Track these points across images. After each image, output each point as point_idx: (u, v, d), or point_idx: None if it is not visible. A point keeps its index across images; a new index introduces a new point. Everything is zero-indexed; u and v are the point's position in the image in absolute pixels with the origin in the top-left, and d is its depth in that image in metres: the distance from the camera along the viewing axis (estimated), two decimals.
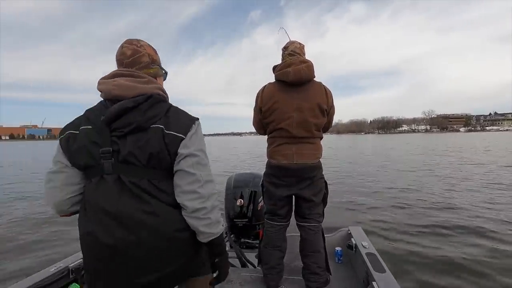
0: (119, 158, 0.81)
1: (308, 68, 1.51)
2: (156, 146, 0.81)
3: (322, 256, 1.61)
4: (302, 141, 1.55)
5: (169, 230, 0.83)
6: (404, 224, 3.82)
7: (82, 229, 0.83)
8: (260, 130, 1.74)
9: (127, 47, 0.91)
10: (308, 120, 1.51)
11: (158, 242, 0.81)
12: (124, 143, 0.81)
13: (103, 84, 0.85)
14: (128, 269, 0.80)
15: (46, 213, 4.90)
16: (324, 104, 1.53)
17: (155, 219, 0.81)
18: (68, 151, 0.83)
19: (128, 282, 0.80)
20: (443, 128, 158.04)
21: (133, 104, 0.81)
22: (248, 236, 2.42)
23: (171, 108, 0.89)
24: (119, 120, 0.81)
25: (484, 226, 3.66)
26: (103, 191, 0.80)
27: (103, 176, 0.81)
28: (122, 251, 0.78)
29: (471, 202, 4.90)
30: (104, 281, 0.81)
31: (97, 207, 0.80)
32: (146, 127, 0.82)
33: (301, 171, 1.55)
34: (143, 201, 0.80)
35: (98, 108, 0.86)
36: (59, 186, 0.85)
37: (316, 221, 1.62)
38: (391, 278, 1.40)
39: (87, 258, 0.84)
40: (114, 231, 0.78)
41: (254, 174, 2.55)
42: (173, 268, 0.84)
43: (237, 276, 1.78)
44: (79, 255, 1.74)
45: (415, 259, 2.78)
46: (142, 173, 0.82)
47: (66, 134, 0.84)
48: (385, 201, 5.13)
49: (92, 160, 0.81)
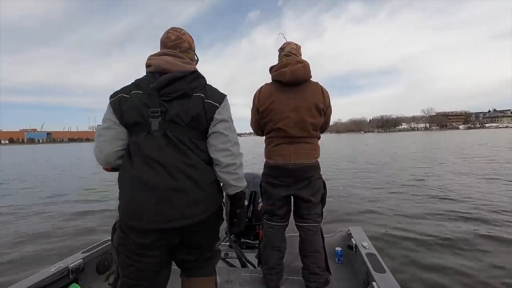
0: (165, 118, 0.98)
1: (304, 68, 1.51)
2: (197, 110, 1.01)
3: (322, 256, 1.61)
4: (300, 141, 1.55)
5: (206, 182, 1.00)
6: (405, 224, 3.81)
7: (128, 175, 0.96)
8: (258, 131, 1.74)
9: (172, 33, 1.11)
10: (305, 120, 1.51)
11: (197, 190, 0.97)
12: (171, 106, 0.99)
13: (154, 60, 1.05)
14: (169, 210, 0.92)
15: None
16: (321, 104, 1.54)
17: (195, 171, 0.98)
18: (119, 110, 0.98)
19: (168, 220, 0.92)
20: (442, 126, 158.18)
21: (181, 75, 1.01)
22: (248, 236, 2.42)
23: (207, 84, 1.10)
24: (168, 87, 0.99)
25: (488, 225, 3.65)
26: (151, 143, 0.96)
27: (150, 131, 0.97)
28: (167, 193, 0.92)
29: (472, 202, 4.89)
30: (149, 217, 0.92)
31: (146, 156, 0.94)
32: (190, 95, 1.02)
33: (299, 171, 1.55)
34: (185, 154, 0.97)
35: (146, 79, 1.03)
36: (109, 140, 1.00)
37: (315, 221, 1.62)
38: (391, 278, 1.40)
39: (131, 198, 0.94)
40: (161, 175, 0.93)
41: (254, 174, 2.54)
42: (203, 217, 0.99)
43: (237, 276, 1.77)
44: (79, 255, 1.74)
45: (416, 259, 2.77)
46: (184, 131, 1.00)
47: (118, 97, 1.00)
48: (386, 201, 5.12)
49: (141, 118, 0.97)
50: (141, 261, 0.96)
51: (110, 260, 1.91)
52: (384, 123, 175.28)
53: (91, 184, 8.59)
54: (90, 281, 1.75)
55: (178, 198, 0.93)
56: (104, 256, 1.87)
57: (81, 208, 5.43)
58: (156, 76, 1.02)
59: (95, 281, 1.77)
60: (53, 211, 5.33)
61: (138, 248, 0.95)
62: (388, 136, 59.05)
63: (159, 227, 0.92)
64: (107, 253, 1.89)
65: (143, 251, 0.95)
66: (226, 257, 2.18)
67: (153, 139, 0.96)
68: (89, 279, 1.74)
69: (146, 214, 0.91)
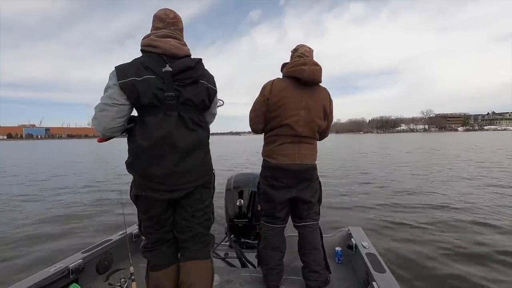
0: (179, 101, 1.16)
1: (320, 72, 1.54)
2: (205, 94, 1.24)
3: (321, 254, 1.62)
4: (305, 141, 1.55)
5: (205, 152, 1.28)
6: (405, 224, 3.83)
7: (145, 149, 1.13)
8: (258, 125, 1.62)
9: (170, 11, 1.25)
10: (315, 120, 1.53)
11: (200, 159, 1.24)
12: (185, 90, 1.17)
13: (161, 43, 1.16)
14: (181, 177, 1.17)
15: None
16: (327, 108, 1.58)
17: (200, 144, 1.24)
18: (134, 92, 1.09)
19: (178, 183, 1.17)
20: (441, 128, 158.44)
21: (194, 63, 1.19)
22: (248, 236, 2.42)
23: (205, 69, 1.29)
24: (182, 73, 1.16)
25: (490, 225, 3.66)
26: (168, 122, 1.13)
27: (166, 112, 1.13)
28: (180, 158, 1.16)
29: (474, 201, 4.91)
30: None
31: (164, 134, 1.12)
32: (198, 81, 1.21)
33: (303, 172, 1.54)
34: (194, 130, 1.20)
35: (154, 59, 1.14)
36: (110, 115, 1.10)
37: (314, 219, 1.63)
38: (391, 278, 1.41)
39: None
40: (175, 150, 1.15)
41: (254, 174, 2.54)
42: (204, 181, 1.27)
43: (237, 276, 1.77)
44: (79, 255, 1.74)
45: (416, 259, 2.79)
46: (194, 111, 1.21)
47: (130, 80, 1.08)
48: (386, 201, 5.14)
49: (157, 101, 1.12)
50: (152, 209, 1.22)
51: (110, 260, 1.91)
52: (383, 124, 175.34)
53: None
54: (90, 281, 1.75)
55: (193, 163, 1.20)
56: (104, 256, 1.87)
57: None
58: (165, 59, 1.16)
59: (95, 281, 1.77)
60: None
61: (148, 200, 1.21)
62: (388, 137, 59.03)
63: (171, 189, 1.18)
64: (107, 253, 1.89)
65: (152, 203, 1.21)
66: (226, 257, 2.18)
67: (170, 119, 1.13)
68: (89, 279, 1.74)
69: (163, 179, 1.15)
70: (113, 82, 1.10)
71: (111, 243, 1.96)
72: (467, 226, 3.67)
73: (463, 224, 3.76)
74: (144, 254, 1.30)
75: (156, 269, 1.28)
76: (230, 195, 2.44)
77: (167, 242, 1.30)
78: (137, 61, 1.13)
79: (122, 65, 1.12)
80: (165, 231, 1.28)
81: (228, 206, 2.43)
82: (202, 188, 1.28)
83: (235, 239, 2.38)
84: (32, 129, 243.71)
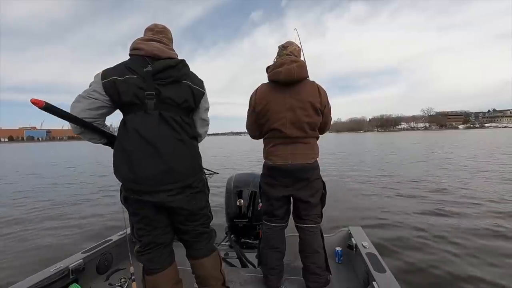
0: (159, 99, 1.15)
1: (299, 67, 1.49)
2: (188, 94, 1.23)
3: (322, 257, 1.61)
4: (296, 141, 1.53)
5: (190, 153, 1.25)
6: (405, 224, 3.82)
7: (126, 148, 1.13)
8: (255, 132, 1.70)
9: (160, 24, 1.31)
10: (301, 120, 1.49)
11: (184, 160, 1.20)
12: (165, 89, 1.16)
13: (145, 45, 1.19)
14: (162, 167, 1.14)
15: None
16: (317, 103, 1.50)
17: (183, 144, 1.21)
18: (115, 91, 1.10)
19: (160, 184, 1.15)
20: (442, 126, 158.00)
21: (174, 63, 1.19)
22: (248, 236, 2.42)
23: (190, 71, 1.30)
24: (162, 72, 1.16)
25: (492, 226, 3.65)
26: (148, 121, 1.13)
27: (147, 111, 1.14)
28: (161, 158, 1.14)
29: (475, 201, 4.89)
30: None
31: (144, 132, 1.12)
32: (180, 81, 1.22)
33: (297, 172, 1.54)
34: (176, 130, 1.18)
35: (137, 62, 1.16)
36: (81, 106, 1.11)
37: (314, 222, 1.61)
38: (391, 278, 1.41)
39: (134, 166, 1.13)
40: (156, 148, 1.13)
41: (254, 174, 2.54)
42: (188, 182, 1.23)
43: (237, 276, 1.78)
44: (79, 255, 1.75)
45: (416, 259, 2.78)
46: (176, 111, 1.20)
47: (111, 79, 1.10)
48: (386, 201, 5.13)
49: (137, 99, 1.13)
50: (142, 211, 1.21)
51: (110, 260, 1.91)
52: (384, 122, 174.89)
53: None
54: (90, 281, 1.75)
55: (168, 163, 1.16)
56: (104, 256, 1.87)
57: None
58: (147, 61, 1.17)
59: (95, 281, 1.77)
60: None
61: (137, 203, 1.20)
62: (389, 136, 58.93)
63: (155, 190, 1.16)
64: (107, 253, 1.89)
65: (142, 205, 1.20)
66: (226, 257, 2.18)
67: (150, 117, 1.14)
68: (89, 279, 1.74)
69: (146, 180, 1.14)
70: (95, 81, 1.13)
71: (111, 243, 1.97)
72: (473, 226, 3.65)
73: (463, 224, 3.75)
74: (138, 258, 1.29)
75: (150, 272, 1.27)
76: (230, 195, 2.44)
77: (160, 245, 1.28)
78: (122, 64, 1.17)
79: (109, 68, 1.16)
80: (157, 234, 1.26)
81: (228, 206, 2.43)
82: (190, 188, 1.25)
83: (235, 239, 2.38)
84: (33, 131, 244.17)
